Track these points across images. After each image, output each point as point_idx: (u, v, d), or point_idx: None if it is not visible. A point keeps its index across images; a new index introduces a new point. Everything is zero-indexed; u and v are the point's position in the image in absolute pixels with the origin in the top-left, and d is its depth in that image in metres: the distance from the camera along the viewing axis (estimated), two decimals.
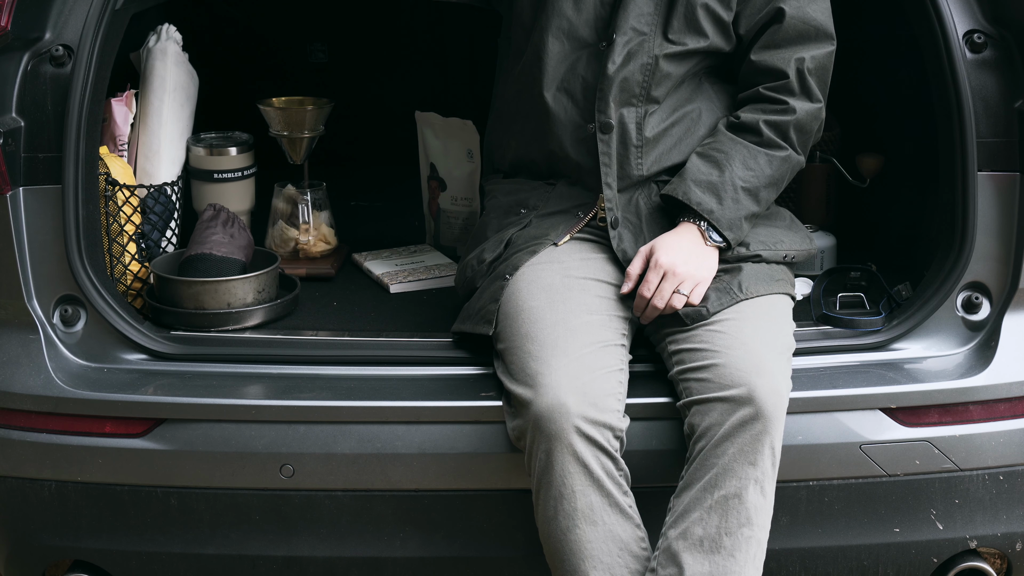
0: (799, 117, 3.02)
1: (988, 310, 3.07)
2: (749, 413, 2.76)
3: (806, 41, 3.03)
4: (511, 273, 3.02)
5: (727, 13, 3.05)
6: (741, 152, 3.00)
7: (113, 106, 3.33)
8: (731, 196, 2.96)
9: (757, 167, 3.00)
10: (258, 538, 2.97)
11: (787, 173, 3.06)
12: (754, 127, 3.02)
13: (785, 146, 3.03)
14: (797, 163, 3.07)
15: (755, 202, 2.99)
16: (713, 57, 3.09)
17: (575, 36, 3.07)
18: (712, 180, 2.96)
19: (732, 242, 2.97)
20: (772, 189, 3.03)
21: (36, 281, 3.02)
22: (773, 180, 3.02)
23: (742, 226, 2.98)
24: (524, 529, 2.91)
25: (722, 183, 2.96)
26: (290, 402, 2.94)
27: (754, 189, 2.99)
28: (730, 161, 2.98)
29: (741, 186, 2.97)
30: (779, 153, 3.02)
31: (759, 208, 3.01)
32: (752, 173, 2.99)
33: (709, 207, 2.95)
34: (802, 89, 3.03)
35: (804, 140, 3.06)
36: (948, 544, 3.01)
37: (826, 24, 3.06)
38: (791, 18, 3.02)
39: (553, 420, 2.75)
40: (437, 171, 3.66)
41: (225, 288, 3.18)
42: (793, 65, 3.02)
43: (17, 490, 2.99)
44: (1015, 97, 3.01)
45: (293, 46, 4.27)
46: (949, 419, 2.97)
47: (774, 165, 3.01)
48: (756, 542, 2.78)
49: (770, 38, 3.04)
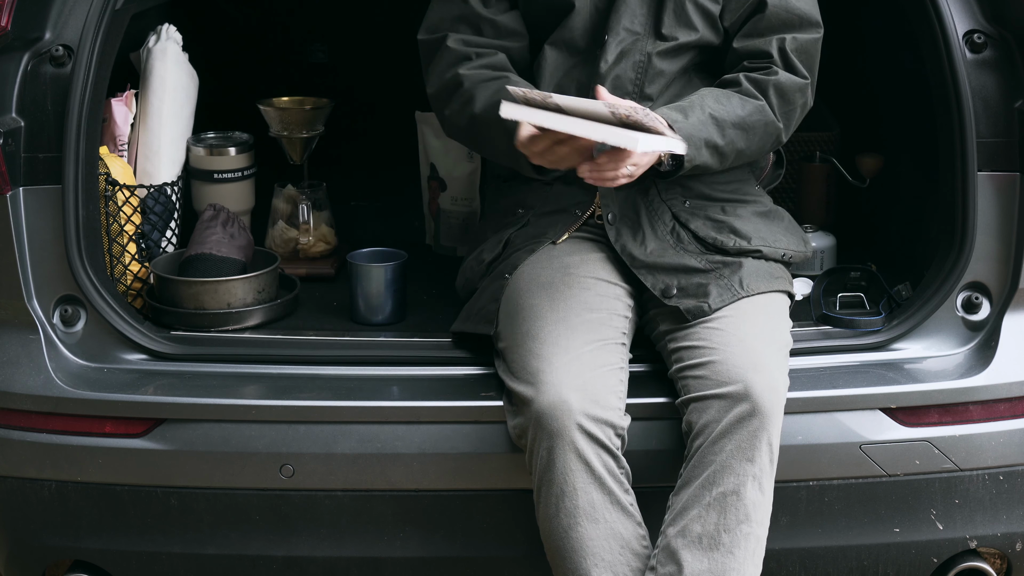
0: (780, 79, 2.98)
1: (988, 310, 3.07)
2: (746, 409, 2.76)
3: (790, 28, 3.02)
4: (510, 272, 3.02)
5: (714, 5, 3.05)
6: (715, 92, 2.96)
7: (113, 106, 3.33)
8: (698, 116, 2.87)
9: (728, 104, 2.93)
10: (258, 538, 2.97)
11: (759, 127, 2.97)
12: (734, 80, 2.99)
13: (761, 99, 2.98)
14: (771, 123, 2.98)
15: (720, 134, 2.90)
16: (703, 52, 3.09)
17: (572, 45, 3.08)
18: (680, 104, 2.90)
19: (687, 159, 2.85)
20: (739, 132, 2.93)
21: (36, 281, 3.02)
22: (743, 122, 2.94)
23: (701, 148, 2.87)
24: (524, 529, 2.91)
25: (690, 105, 2.89)
26: (290, 402, 2.94)
27: (721, 121, 2.90)
28: (703, 96, 2.93)
29: (710, 112, 2.89)
30: (753, 101, 2.97)
31: (722, 143, 2.90)
32: (722, 107, 2.92)
33: (673, 117, 2.85)
34: (785, 65, 3.00)
35: (785, 108, 3.00)
36: (948, 544, 3.01)
37: (811, 12, 3.04)
38: (773, 7, 3.01)
39: (555, 417, 2.75)
40: (437, 171, 3.66)
41: (225, 288, 3.18)
42: (775, 44, 3.00)
43: (17, 490, 2.99)
44: (1015, 97, 3.01)
45: (293, 46, 4.28)
46: (949, 419, 2.97)
47: (746, 108, 2.95)
48: (755, 539, 2.78)
49: (753, 27, 3.03)
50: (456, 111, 3.02)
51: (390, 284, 3.21)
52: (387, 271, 3.21)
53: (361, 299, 3.22)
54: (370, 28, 4.22)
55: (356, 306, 3.23)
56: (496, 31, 3.09)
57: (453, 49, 3.05)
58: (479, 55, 3.05)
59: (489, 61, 3.04)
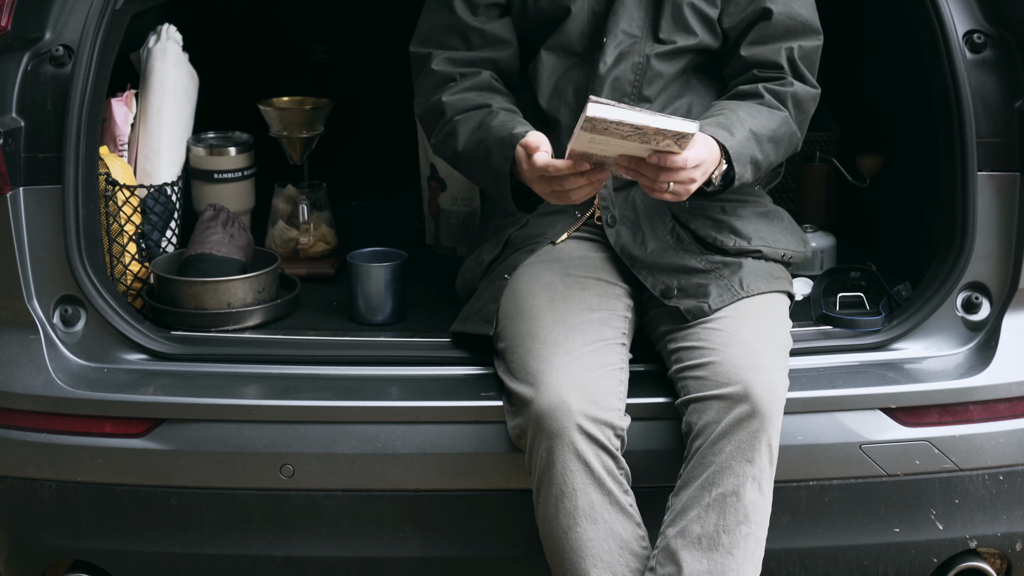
0: (796, 90, 3.01)
1: (988, 310, 3.07)
2: (745, 410, 2.76)
3: (794, 35, 3.03)
4: (510, 273, 3.02)
5: (712, 10, 3.05)
6: (744, 106, 2.96)
7: (113, 106, 3.33)
8: (741, 133, 2.88)
9: (760, 117, 2.95)
10: (258, 538, 2.97)
11: (785, 138, 2.99)
12: (754, 92, 3.00)
13: (784, 110, 3.00)
14: (794, 134, 3.02)
15: (759, 149, 2.91)
16: (702, 55, 3.09)
17: (568, 49, 3.08)
18: (721, 120, 2.89)
19: (737, 177, 2.86)
20: (772, 146, 2.95)
21: (36, 281, 3.02)
22: (775, 135, 2.96)
23: (747, 165, 2.88)
24: (524, 529, 2.91)
25: (730, 121, 2.89)
26: (290, 402, 2.94)
27: (759, 135, 2.91)
28: (735, 110, 2.94)
29: (750, 128, 2.91)
30: (779, 113, 2.99)
31: (760, 158, 2.92)
32: (757, 121, 2.93)
33: (722, 135, 2.85)
34: (796, 75, 3.03)
35: (801, 117, 3.04)
36: (948, 544, 3.01)
37: (812, 19, 3.06)
38: (779, 15, 3.02)
39: (555, 418, 2.75)
40: (437, 171, 3.66)
41: (225, 288, 3.18)
42: (784, 55, 3.02)
43: (17, 490, 2.99)
44: (1015, 97, 3.01)
45: (293, 46, 4.28)
46: (949, 419, 2.97)
47: (775, 121, 2.97)
48: (754, 539, 2.78)
49: (759, 34, 3.03)
50: (441, 141, 3.05)
51: (390, 284, 3.21)
52: (387, 271, 3.21)
53: (361, 299, 3.22)
54: (370, 28, 4.22)
55: (356, 306, 3.23)
56: (484, 40, 3.09)
57: (437, 72, 3.06)
58: (463, 75, 3.05)
59: (473, 82, 3.05)
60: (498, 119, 2.94)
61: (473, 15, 3.09)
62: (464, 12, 3.08)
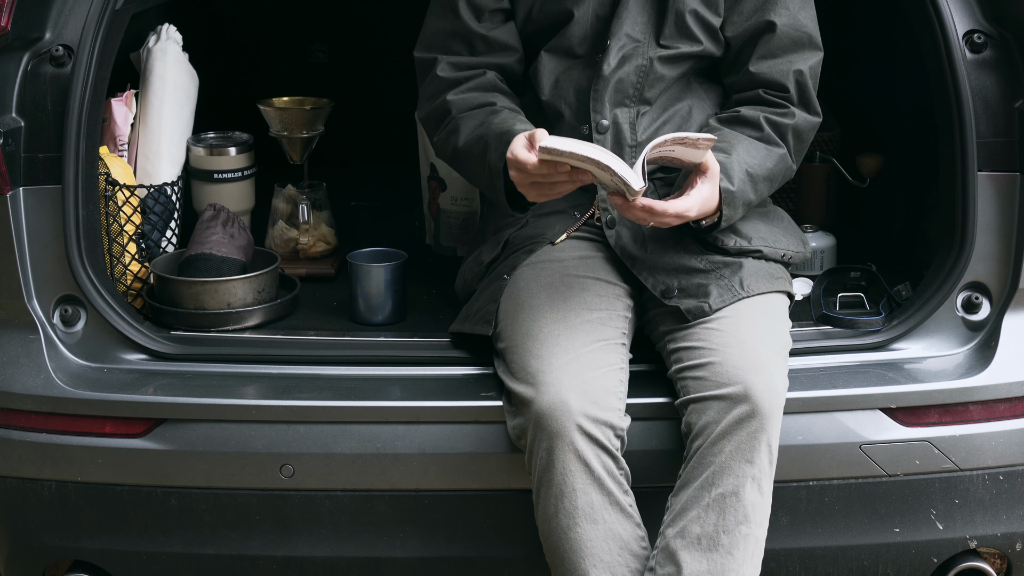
0: (798, 123, 3.03)
1: (988, 310, 3.07)
2: (745, 411, 2.76)
3: (800, 49, 3.03)
4: (509, 273, 3.02)
5: (715, 18, 3.05)
6: (744, 142, 2.98)
7: (113, 106, 3.33)
8: (739, 176, 2.91)
9: (759, 156, 2.98)
10: (258, 538, 2.97)
11: (780, 175, 3.04)
12: (755, 121, 3.01)
13: (783, 145, 3.02)
14: (790, 168, 3.06)
15: (754, 190, 2.96)
16: (704, 61, 3.10)
17: (570, 52, 3.09)
18: (720, 160, 2.91)
19: (724, 220, 2.91)
20: (767, 184, 3.00)
21: (36, 281, 3.02)
22: (770, 175, 3.01)
23: (738, 208, 2.93)
24: (524, 529, 2.91)
25: (729, 164, 2.91)
26: (290, 402, 2.94)
27: (755, 176, 2.95)
28: (734, 147, 2.95)
29: (746, 169, 2.93)
30: (777, 150, 3.01)
31: (754, 198, 2.98)
32: (755, 161, 2.96)
33: (725, 184, 2.88)
34: (801, 100, 3.04)
35: (799, 147, 3.06)
36: (948, 544, 3.01)
37: (815, 33, 3.07)
38: (783, 27, 3.02)
39: (555, 418, 2.75)
40: (437, 171, 3.66)
41: (225, 288, 3.18)
42: (792, 78, 3.02)
43: (17, 490, 2.99)
44: (1015, 97, 3.01)
45: (293, 46, 4.28)
46: (949, 419, 2.97)
47: (772, 160, 3.00)
48: (754, 540, 2.78)
49: (766, 48, 3.04)
50: (443, 140, 3.05)
51: (390, 284, 3.21)
52: (387, 271, 3.21)
53: (361, 299, 3.22)
54: (370, 28, 4.22)
55: (356, 306, 3.23)
56: (488, 46, 3.09)
57: (442, 78, 3.07)
58: (468, 78, 3.06)
59: (478, 82, 3.06)
60: (500, 116, 2.94)
61: (478, 21, 3.09)
62: (469, 18, 3.08)
